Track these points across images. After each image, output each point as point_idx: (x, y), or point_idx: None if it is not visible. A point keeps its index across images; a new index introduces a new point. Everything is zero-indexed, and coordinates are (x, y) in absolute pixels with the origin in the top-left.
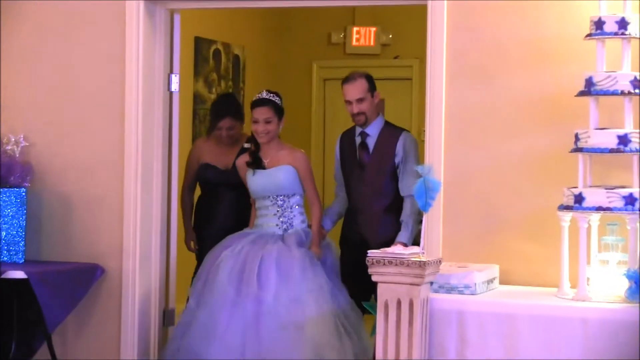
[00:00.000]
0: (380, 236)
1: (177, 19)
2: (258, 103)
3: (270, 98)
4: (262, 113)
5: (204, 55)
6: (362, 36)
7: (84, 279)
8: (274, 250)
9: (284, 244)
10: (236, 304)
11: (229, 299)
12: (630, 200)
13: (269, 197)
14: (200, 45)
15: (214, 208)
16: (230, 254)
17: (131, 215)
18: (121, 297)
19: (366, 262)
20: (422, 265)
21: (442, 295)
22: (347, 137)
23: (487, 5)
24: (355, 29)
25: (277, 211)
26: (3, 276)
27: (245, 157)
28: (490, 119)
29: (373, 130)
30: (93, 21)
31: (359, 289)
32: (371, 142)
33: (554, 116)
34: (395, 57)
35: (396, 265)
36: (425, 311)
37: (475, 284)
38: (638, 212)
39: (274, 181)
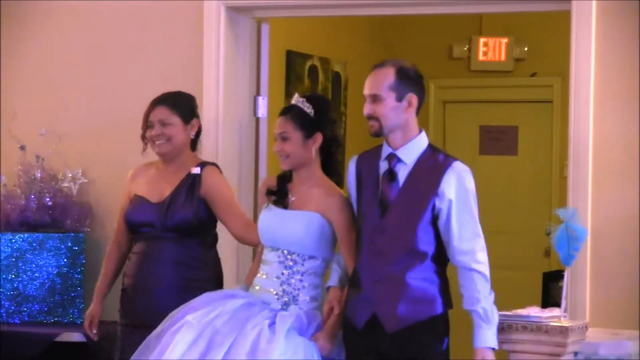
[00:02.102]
0: (403, 318)
1: (265, 29)
2: (279, 113)
3: (298, 104)
4: (277, 125)
5: (298, 73)
6: (491, 49)
7: None
8: (252, 334)
9: (268, 329)
10: None
11: None
12: None
13: (278, 250)
14: (293, 61)
15: (146, 267)
16: (194, 322)
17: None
18: None
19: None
20: (564, 331)
21: None
22: (366, 162)
23: None
24: (482, 40)
25: (282, 274)
26: (58, 339)
27: (271, 181)
28: None
29: (408, 154)
30: (166, 31)
31: None
32: (403, 172)
33: None
34: (532, 75)
35: (532, 331)
36: None
37: (631, 354)
38: None
39: (287, 230)
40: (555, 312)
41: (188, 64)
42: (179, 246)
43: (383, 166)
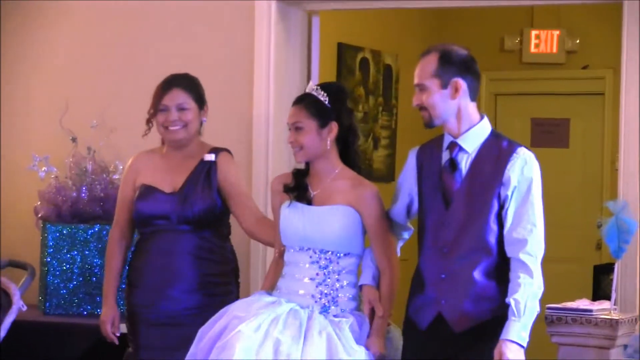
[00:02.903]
0: (470, 317)
1: (316, 22)
2: (293, 103)
3: (312, 92)
4: (291, 115)
5: (349, 66)
6: (543, 41)
7: None
8: (320, 347)
9: (333, 339)
10: None
11: None
12: None
13: (309, 250)
14: (344, 54)
15: (161, 263)
16: (248, 330)
17: (260, 254)
18: None
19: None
20: (614, 324)
21: None
22: (427, 153)
23: None
24: (534, 32)
25: (317, 275)
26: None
27: (285, 178)
28: None
29: (469, 142)
30: (217, 25)
31: None
32: (466, 161)
33: None
34: (584, 67)
35: (581, 323)
36: None
37: None
38: None
39: (321, 227)
40: (605, 304)
41: (239, 57)
42: (196, 239)
43: (444, 156)
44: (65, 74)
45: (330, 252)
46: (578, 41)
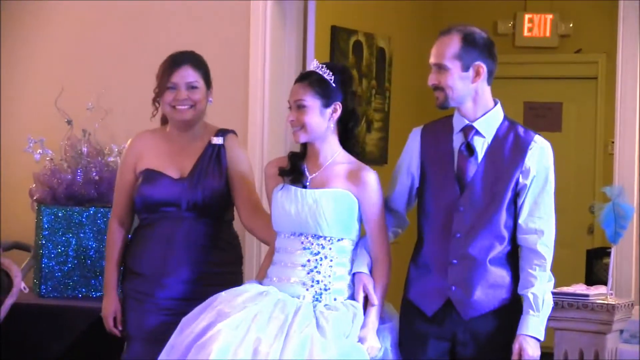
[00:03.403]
0: (480, 304)
1: (311, 6)
2: (296, 80)
3: (317, 70)
4: (294, 93)
5: (342, 49)
6: (536, 25)
7: None
8: (301, 342)
9: (319, 332)
10: None
11: None
12: None
13: (300, 236)
14: (337, 36)
15: (161, 253)
16: (227, 329)
17: (255, 245)
18: None
19: None
20: (610, 309)
21: (634, 347)
22: (433, 134)
23: None
24: (527, 16)
25: (308, 262)
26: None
27: (280, 162)
28: None
29: (486, 127)
30: (213, 10)
31: None
32: (482, 146)
33: None
34: (577, 51)
35: (578, 308)
36: None
37: None
38: None
39: (315, 212)
40: (601, 289)
41: (236, 40)
42: (200, 225)
43: (457, 139)
44: (61, 57)
45: (323, 238)
46: (571, 25)
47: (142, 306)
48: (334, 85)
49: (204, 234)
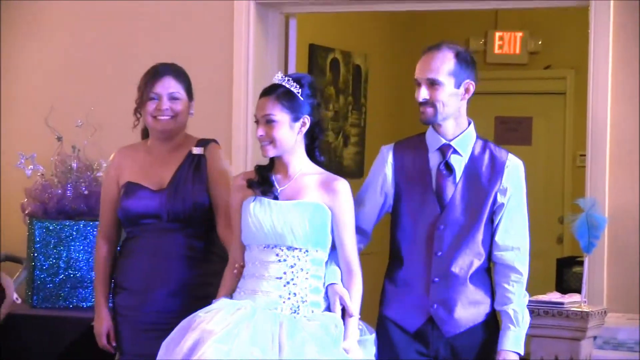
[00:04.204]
0: (461, 321)
1: (292, 24)
2: (261, 93)
3: (282, 83)
4: (262, 107)
5: (320, 66)
6: (506, 43)
7: None
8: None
9: (301, 340)
10: None
11: None
12: None
13: (275, 247)
14: (315, 54)
15: (146, 266)
16: (217, 344)
17: None
18: None
19: None
20: (584, 316)
21: (608, 353)
22: (407, 153)
23: None
24: (498, 34)
25: (285, 274)
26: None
27: (247, 175)
28: None
29: (463, 145)
30: (198, 26)
31: None
32: (459, 164)
33: None
34: (546, 68)
35: (553, 316)
36: None
37: None
38: None
39: (290, 223)
40: (575, 297)
41: (219, 58)
42: (185, 237)
43: (434, 157)
44: (51, 75)
45: (298, 250)
46: (540, 42)
47: (130, 322)
48: (301, 98)
49: (188, 245)
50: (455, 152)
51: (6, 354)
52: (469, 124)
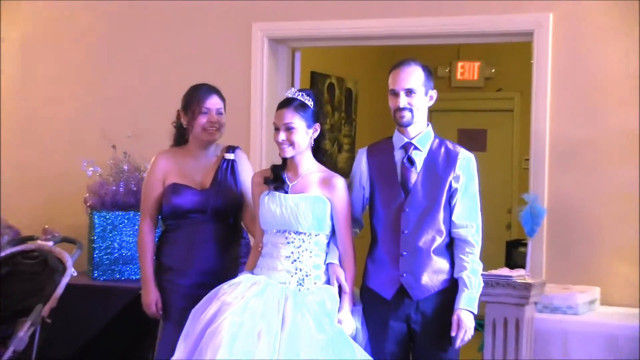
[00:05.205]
0: (427, 287)
1: (297, 56)
2: (280, 105)
3: (297, 97)
4: (282, 117)
5: (319, 89)
6: (467, 70)
7: None
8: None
9: (301, 315)
10: None
11: None
12: None
13: (285, 232)
14: (316, 79)
15: (188, 250)
16: (232, 316)
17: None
18: None
19: None
20: (527, 287)
21: (546, 315)
22: (377, 153)
23: (591, 41)
24: (460, 63)
25: (292, 253)
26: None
27: (264, 172)
28: (593, 150)
29: (423, 143)
30: (223, 57)
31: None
32: (420, 158)
33: None
34: (498, 90)
35: (503, 286)
36: (530, 330)
37: (578, 304)
38: None
39: (295, 213)
40: (520, 272)
41: (239, 82)
42: (220, 227)
43: (399, 154)
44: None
45: (303, 234)
46: (494, 70)
47: (172, 293)
48: (314, 109)
49: (220, 233)
50: (415, 148)
51: (65, 319)
52: (428, 125)
